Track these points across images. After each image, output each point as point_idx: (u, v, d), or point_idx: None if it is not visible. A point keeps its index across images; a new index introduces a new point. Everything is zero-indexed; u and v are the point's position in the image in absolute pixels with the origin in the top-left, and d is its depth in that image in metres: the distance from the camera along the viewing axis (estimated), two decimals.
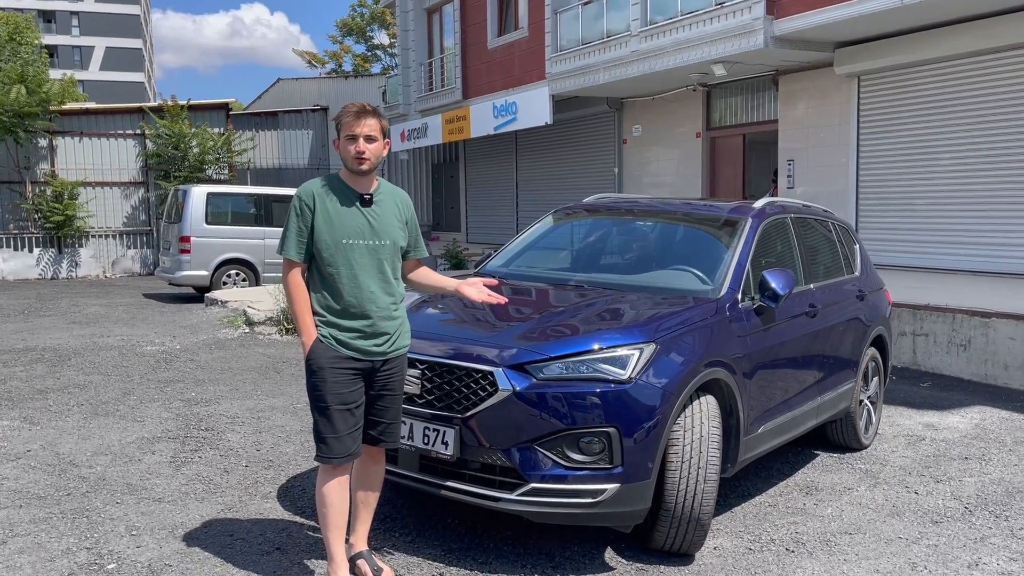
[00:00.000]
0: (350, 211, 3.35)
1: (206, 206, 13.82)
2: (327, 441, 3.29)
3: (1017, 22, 9.75)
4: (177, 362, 8.24)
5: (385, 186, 3.52)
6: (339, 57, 44.81)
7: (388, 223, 3.41)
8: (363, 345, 3.32)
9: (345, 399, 3.29)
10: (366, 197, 3.39)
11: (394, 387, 3.45)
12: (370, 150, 3.32)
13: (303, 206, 3.34)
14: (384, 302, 3.37)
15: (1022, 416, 6.72)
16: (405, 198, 3.58)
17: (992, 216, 10.52)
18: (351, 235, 3.32)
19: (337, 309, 3.32)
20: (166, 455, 5.27)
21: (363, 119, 3.31)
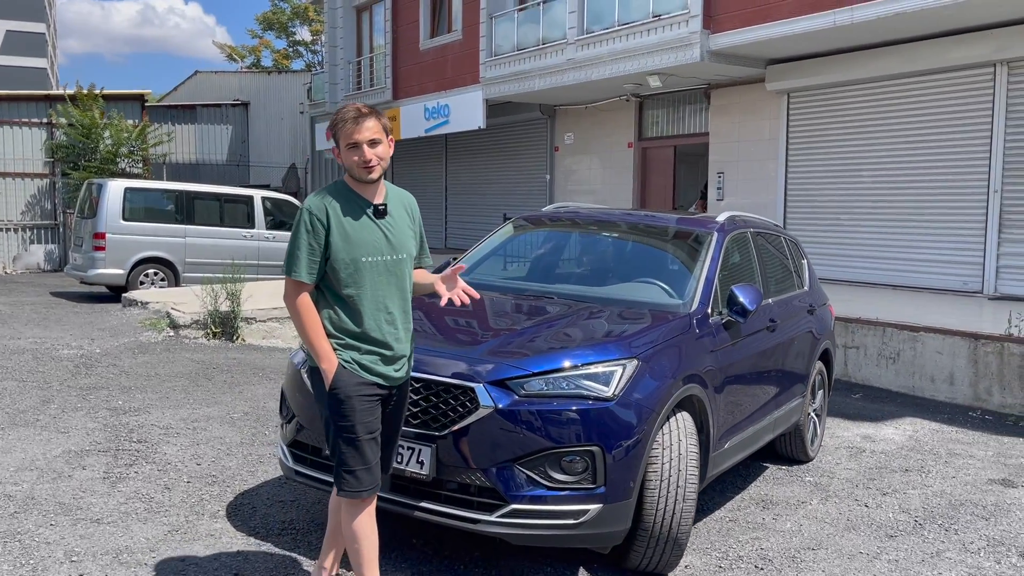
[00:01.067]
0: (365, 224, 3.07)
1: (123, 201, 13.15)
2: (357, 474, 3.02)
3: (937, 47, 10.18)
4: (98, 367, 7.77)
5: (392, 191, 3.22)
6: (258, 52, 43.67)
7: (403, 234, 3.16)
8: (384, 370, 3.09)
9: (371, 427, 3.05)
10: (380, 207, 3.11)
11: (399, 411, 3.25)
12: (377, 155, 3.04)
13: (315, 222, 3.01)
14: (404, 323, 3.15)
15: (951, 428, 6.95)
16: (412, 201, 3.31)
17: (911, 233, 10.95)
18: (370, 252, 3.05)
19: (356, 332, 3.06)
20: (98, 470, 4.92)
21: (363, 123, 3.00)
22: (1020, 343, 7.30)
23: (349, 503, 3.07)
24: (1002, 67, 9.87)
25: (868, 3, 9.41)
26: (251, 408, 6.55)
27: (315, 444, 3.83)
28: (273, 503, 4.51)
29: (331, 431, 3.06)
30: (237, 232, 14.02)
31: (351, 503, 3.07)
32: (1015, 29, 9.46)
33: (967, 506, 5.04)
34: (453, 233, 20.25)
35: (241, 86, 26.56)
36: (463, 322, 4.31)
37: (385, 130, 3.08)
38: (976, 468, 5.83)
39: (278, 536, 4.07)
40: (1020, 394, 7.30)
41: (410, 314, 3.20)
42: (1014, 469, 5.83)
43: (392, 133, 3.15)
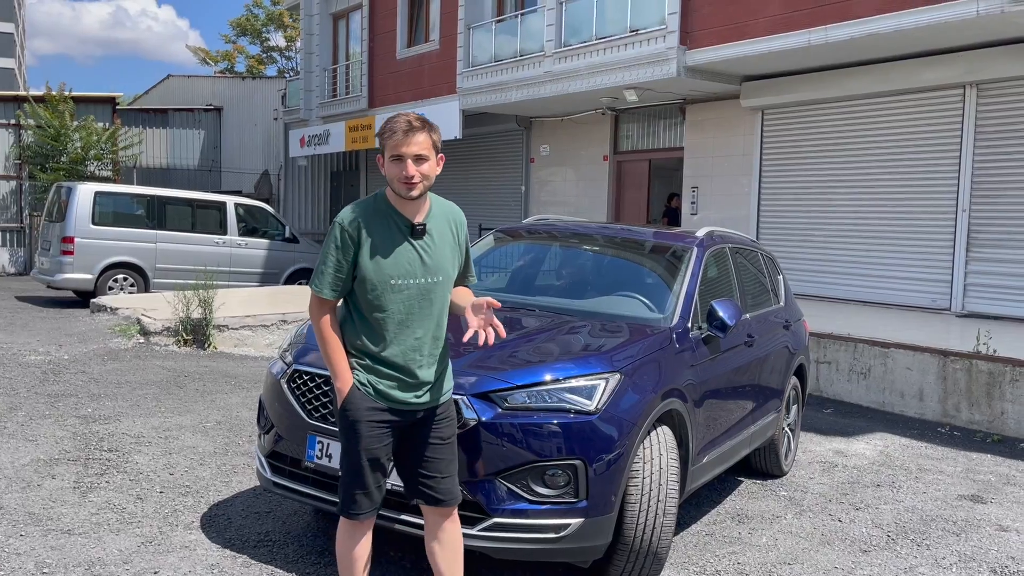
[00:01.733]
0: (399, 244, 2.90)
1: (93, 205, 12.95)
2: (355, 496, 2.97)
3: (908, 68, 10.37)
4: (67, 374, 7.63)
5: (437, 207, 3.04)
6: (232, 57, 43.35)
7: (441, 255, 2.98)
8: (402, 396, 2.96)
9: (375, 455, 2.96)
10: (418, 227, 2.93)
11: (443, 435, 3.07)
12: (421, 172, 2.86)
13: (345, 237, 2.88)
14: (431, 349, 2.99)
15: (921, 443, 7.05)
16: (460, 218, 3.11)
17: (882, 250, 11.12)
18: (401, 274, 2.89)
19: (377, 355, 2.93)
20: (68, 479, 4.83)
21: (412, 136, 2.83)
22: (988, 360, 7.43)
23: (345, 522, 3.04)
24: (971, 89, 10.08)
25: (842, 23, 9.57)
26: (224, 417, 6.47)
27: (293, 455, 3.79)
28: (248, 514, 4.45)
29: (341, 451, 3.02)
30: (209, 238, 13.87)
31: (347, 522, 3.04)
32: (984, 52, 9.67)
33: (938, 521, 5.10)
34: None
35: (214, 91, 26.33)
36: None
37: (435, 147, 2.91)
38: (946, 484, 5.92)
39: (254, 548, 4.02)
40: (988, 411, 7.43)
41: (442, 339, 3.05)
42: (983, 485, 5.93)
43: (441, 151, 2.98)
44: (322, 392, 3.71)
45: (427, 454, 3.04)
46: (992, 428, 7.38)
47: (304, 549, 4.05)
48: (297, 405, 3.77)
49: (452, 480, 3.08)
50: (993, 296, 10.02)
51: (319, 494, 3.66)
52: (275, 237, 14.70)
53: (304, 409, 3.75)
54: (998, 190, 9.98)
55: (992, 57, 9.64)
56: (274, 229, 14.80)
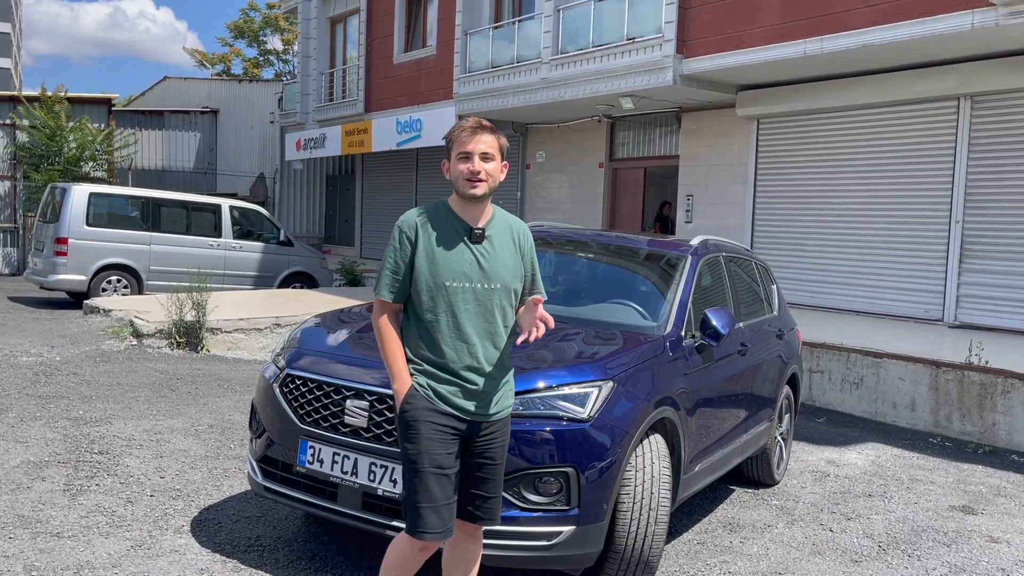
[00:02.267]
0: (456, 247, 2.87)
1: (88, 206, 12.92)
2: (422, 512, 2.78)
3: (903, 79, 10.42)
4: (58, 375, 7.60)
5: (500, 216, 3.01)
6: (228, 60, 43.34)
7: (501, 262, 2.92)
8: (463, 403, 2.87)
9: (439, 461, 2.81)
10: (476, 231, 2.90)
11: (495, 455, 2.96)
12: (487, 171, 2.85)
13: (403, 239, 2.88)
14: (489, 357, 2.90)
15: (913, 454, 7.06)
16: (524, 230, 3.05)
17: (875, 260, 11.16)
18: (456, 277, 2.85)
19: (433, 360, 2.87)
20: (58, 482, 4.81)
21: (479, 135, 2.85)
22: (980, 371, 7.45)
23: (407, 541, 2.86)
24: (965, 101, 10.13)
25: (837, 34, 9.62)
26: (216, 421, 6.45)
27: (285, 460, 3.78)
28: (239, 519, 4.44)
29: (402, 461, 2.91)
30: (204, 241, 13.84)
31: (409, 542, 2.85)
32: (978, 64, 9.73)
33: (929, 532, 5.11)
34: None
35: (210, 93, 26.32)
36: None
37: (501, 151, 2.92)
38: (937, 494, 5.93)
39: (244, 552, 4.00)
40: (980, 422, 7.45)
41: (502, 351, 2.94)
42: (974, 496, 5.94)
43: (506, 157, 2.98)
44: (314, 397, 3.71)
45: (478, 472, 2.94)
46: (984, 439, 7.39)
47: (294, 554, 4.03)
48: (289, 410, 3.77)
49: (497, 500, 3.00)
50: (986, 307, 10.06)
51: (310, 499, 3.66)
52: (270, 240, 14.68)
53: (296, 414, 3.74)
54: (991, 202, 10.03)
55: (986, 69, 9.69)
56: (269, 232, 14.78)
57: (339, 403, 3.62)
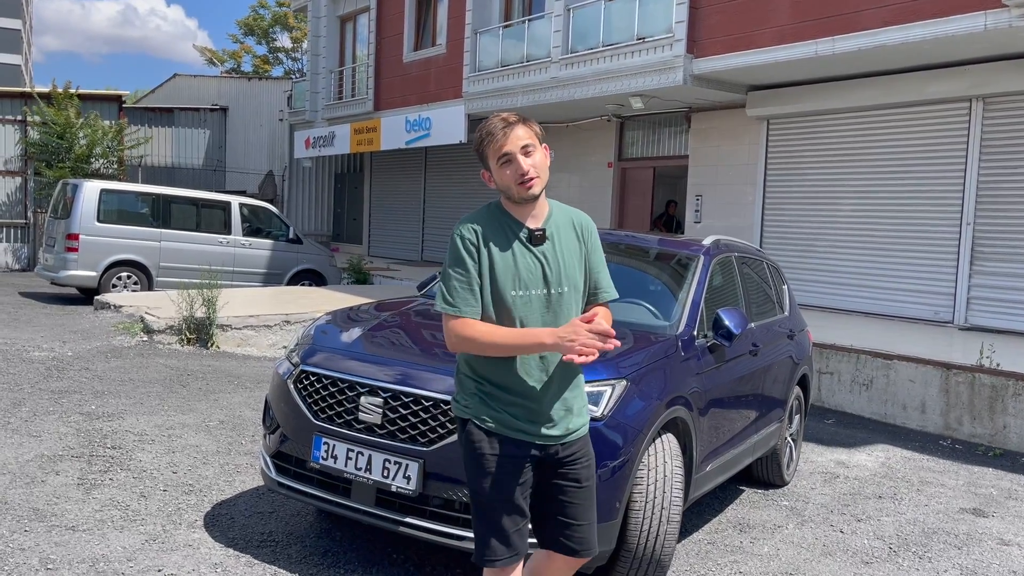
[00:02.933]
0: (517, 252, 2.59)
1: (98, 203, 12.97)
2: (487, 540, 2.60)
3: (915, 81, 10.40)
4: (70, 371, 7.64)
5: (559, 212, 2.71)
6: (238, 56, 43.46)
7: (566, 263, 2.62)
8: (529, 427, 2.59)
9: (506, 494, 2.58)
10: (536, 233, 2.61)
11: (579, 476, 2.66)
12: (535, 165, 2.57)
13: (469, 245, 2.58)
14: (560, 373, 2.61)
15: (923, 456, 7.05)
16: (587, 222, 2.75)
17: (885, 262, 11.13)
18: (521, 286, 2.57)
19: (498, 379, 2.59)
20: (72, 476, 4.84)
21: (512, 131, 2.56)
22: (991, 374, 7.43)
23: (486, 570, 2.68)
24: (977, 102, 10.10)
25: (849, 35, 9.60)
26: (227, 417, 6.48)
27: (299, 456, 3.80)
28: (252, 514, 4.46)
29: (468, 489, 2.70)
30: (213, 238, 13.89)
31: (486, 570, 2.67)
32: (990, 66, 9.69)
33: (940, 534, 5.10)
34: (429, 246, 20.24)
35: (220, 91, 26.40)
36: None
37: (538, 137, 2.63)
38: (948, 497, 5.92)
39: (257, 548, 4.02)
40: (990, 424, 7.43)
41: (575, 365, 2.57)
42: (985, 499, 5.93)
43: (545, 141, 2.69)
44: (328, 393, 3.73)
45: (562, 498, 2.66)
46: (994, 442, 7.38)
47: (307, 550, 4.05)
48: (304, 406, 3.78)
49: (590, 528, 2.70)
50: (996, 310, 10.02)
51: (324, 495, 3.68)
52: (279, 238, 14.72)
53: (310, 410, 3.76)
54: (1003, 204, 10.00)
55: (999, 71, 9.66)
56: (278, 230, 14.82)
57: (353, 400, 3.63)
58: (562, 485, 2.65)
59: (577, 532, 2.67)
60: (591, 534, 2.70)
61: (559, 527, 2.67)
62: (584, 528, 2.68)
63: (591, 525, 2.70)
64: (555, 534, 2.68)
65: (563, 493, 2.66)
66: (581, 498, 2.67)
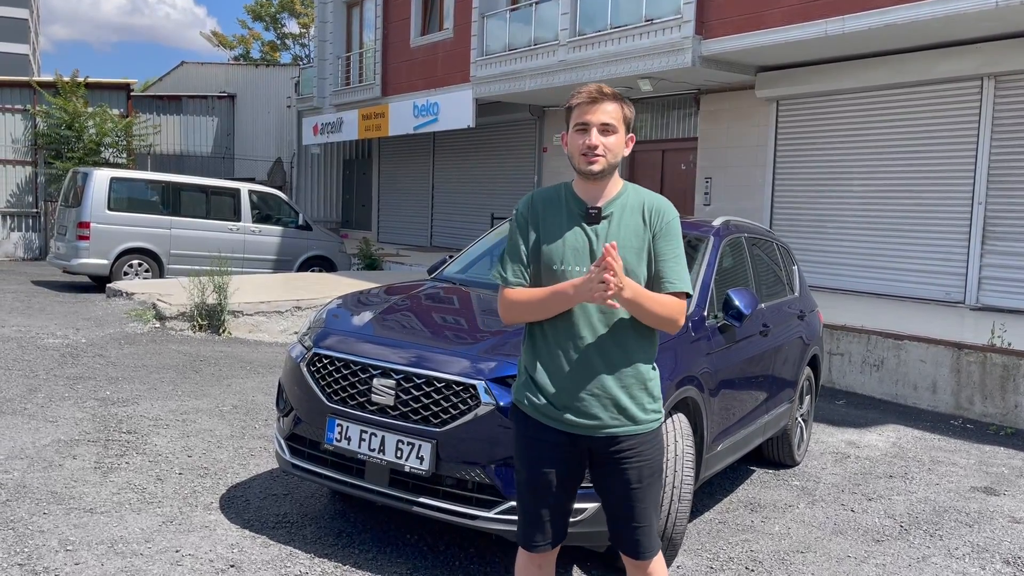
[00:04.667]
0: (569, 228, 2.55)
1: (108, 191, 13.04)
2: (522, 522, 2.68)
3: (925, 60, 10.32)
4: (84, 357, 7.71)
5: (631, 194, 2.61)
6: (247, 43, 43.41)
7: (620, 246, 2.48)
8: (555, 414, 2.55)
9: (540, 479, 2.59)
10: (591, 211, 2.55)
11: (631, 476, 2.57)
12: (605, 144, 2.49)
13: (519, 217, 2.63)
14: (603, 359, 2.52)
15: (934, 435, 7.05)
16: (660, 208, 2.60)
17: (896, 242, 11.09)
18: (566, 261, 2.51)
19: (541, 361, 2.57)
20: (89, 460, 4.90)
21: (600, 104, 2.49)
22: (1002, 353, 7.41)
23: (520, 550, 2.74)
24: (989, 81, 10.02)
25: (859, 14, 9.52)
26: (240, 401, 6.53)
27: (312, 438, 3.84)
28: (266, 496, 4.51)
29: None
30: (223, 225, 13.94)
31: (521, 551, 2.73)
32: (1002, 43, 9.61)
33: (951, 513, 5.11)
34: (439, 231, 20.26)
35: (228, 78, 26.40)
36: (463, 319, 4.33)
37: (626, 123, 2.55)
38: (959, 476, 5.92)
39: (273, 529, 4.07)
40: (1001, 404, 7.42)
41: (626, 351, 2.54)
42: (996, 477, 5.93)
43: (633, 129, 2.62)
44: (341, 376, 3.76)
45: (616, 495, 2.61)
46: (1006, 421, 7.37)
47: (322, 531, 4.10)
48: (317, 388, 3.82)
49: (646, 531, 2.62)
50: (1008, 289, 9.98)
51: (338, 476, 3.71)
52: (288, 224, 14.77)
53: (324, 392, 3.79)
54: (1015, 183, 9.93)
55: (1010, 49, 9.58)
56: (287, 216, 14.87)
57: (366, 382, 3.66)
58: (610, 482, 2.61)
59: (632, 533, 2.63)
60: (647, 536, 2.63)
61: (611, 522, 2.67)
62: (641, 530, 2.62)
63: (645, 528, 2.62)
64: (614, 531, 2.67)
65: (612, 491, 2.62)
66: (636, 498, 2.59)
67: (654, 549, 2.66)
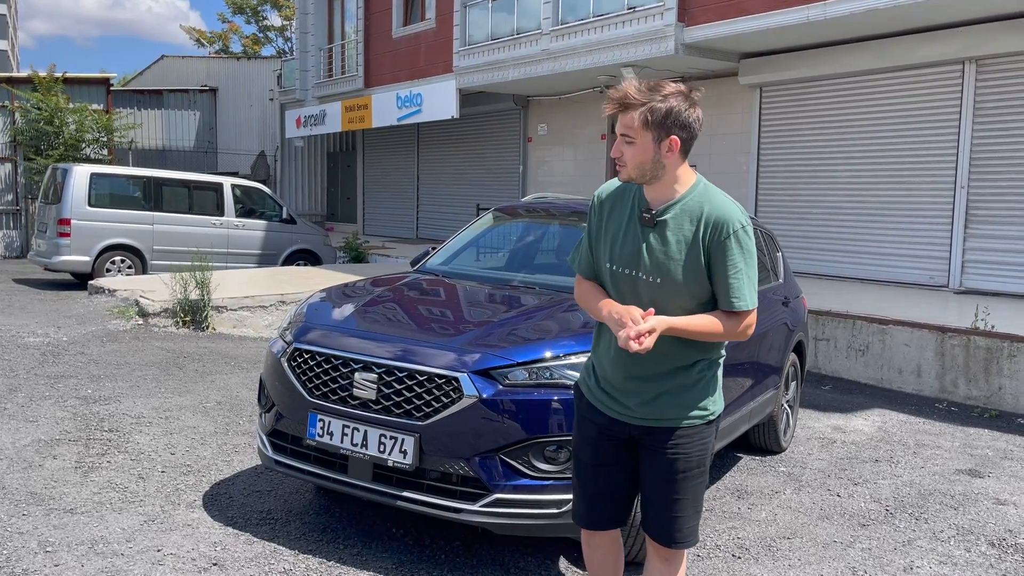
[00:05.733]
0: (627, 228, 2.54)
1: (89, 187, 12.90)
2: (576, 500, 2.82)
3: (907, 44, 10.33)
4: (66, 355, 7.63)
5: (694, 200, 2.50)
6: (226, 38, 43.04)
7: (667, 254, 2.46)
8: (604, 400, 2.66)
9: (586, 455, 2.72)
10: (646, 214, 2.50)
11: (661, 467, 2.59)
12: (626, 156, 2.47)
13: (593, 207, 2.67)
14: (649, 357, 2.48)
15: (919, 419, 7.08)
16: (721, 219, 2.45)
17: (880, 227, 11.12)
18: (616, 261, 2.54)
19: (599, 344, 2.70)
20: (70, 460, 4.84)
21: (623, 115, 2.47)
22: (986, 336, 7.45)
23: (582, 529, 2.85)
24: (970, 64, 10.04)
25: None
26: (224, 398, 6.48)
27: (295, 433, 3.80)
28: (250, 493, 4.47)
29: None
30: (206, 220, 13.83)
31: (582, 529, 2.85)
32: (984, 27, 9.63)
33: (936, 496, 5.13)
34: (424, 223, 20.19)
35: (209, 71, 26.17)
36: (445, 311, 4.30)
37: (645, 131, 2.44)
38: (944, 459, 5.95)
39: (256, 526, 4.03)
40: (985, 386, 7.46)
41: (673, 353, 2.52)
42: (980, 460, 5.96)
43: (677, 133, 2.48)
44: (322, 370, 3.72)
45: (649, 482, 2.65)
46: (990, 403, 7.41)
47: (307, 527, 4.07)
48: (298, 383, 3.78)
49: (676, 522, 2.62)
50: (991, 272, 10.03)
51: (321, 471, 3.68)
52: (272, 218, 14.67)
53: (305, 387, 3.76)
54: (997, 166, 9.97)
55: (991, 32, 9.59)
56: (271, 210, 14.77)
57: (347, 376, 3.63)
58: (646, 469, 2.65)
59: (654, 517, 2.65)
60: (676, 529, 2.63)
61: (642, 506, 2.71)
62: (671, 521, 2.62)
63: (676, 519, 2.62)
64: (644, 517, 2.71)
65: (649, 479, 2.64)
66: (667, 490, 2.60)
67: (682, 541, 2.66)
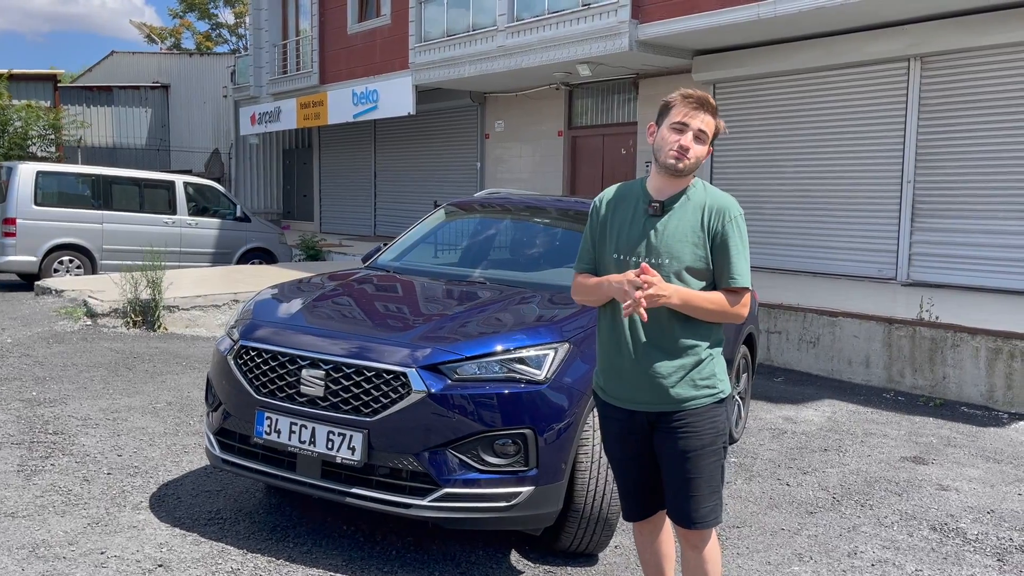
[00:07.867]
0: (632, 218, 2.74)
1: (35, 186, 12.60)
2: (621, 497, 2.98)
3: (855, 41, 10.53)
4: (10, 358, 7.45)
5: (697, 192, 2.76)
6: (178, 33, 42.33)
7: (675, 237, 2.68)
8: (618, 390, 2.78)
9: (613, 454, 2.90)
10: (653, 204, 2.71)
11: (677, 447, 2.70)
12: (695, 151, 2.68)
13: (592, 211, 2.86)
14: (654, 340, 2.68)
15: (867, 409, 7.23)
16: (722, 208, 2.73)
17: (830, 222, 11.32)
18: (623, 249, 2.72)
19: (601, 351, 2.85)
20: (12, 463, 4.73)
21: (702, 113, 2.68)
22: (931, 327, 7.62)
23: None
24: (915, 62, 10.26)
25: None
26: (175, 398, 6.38)
27: (242, 432, 3.76)
28: (199, 493, 4.41)
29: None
30: (158, 218, 13.60)
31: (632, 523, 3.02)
32: (928, 25, 9.84)
33: (881, 483, 5.24)
34: (382, 220, 20.07)
35: (161, 68, 25.72)
36: (394, 307, 4.28)
37: (713, 135, 2.75)
38: (890, 447, 6.08)
39: (204, 526, 3.98)
40: (930, 376, 7.63)
41: (676, 335, 2.68)
42: (925, 447, 6.10)
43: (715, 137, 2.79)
44: (269, 368, 3.69)
45: (666, 466, 2.77)
46: (935, 392, 7.58)
47: (256, 526, 4.02)
48: (245, 381, 3.74)
49: (692, 501, 2.72)
50: (937, 265, 10.27)
51: (269, 470, 3.64)
52: (226, 216, 14.47)
53: (252, 385, 3.71)
54: (941, 161, 10.20)
55: (936, 30, 9.81)
56: (225, 208, 14.56)
57: (295, 373, 3.60)
58: (662, 452, 2.76)
59: (680, 504, 2.75)
60: (694, 509, 2.72)
61: (670, 496, 2.79)
62: (689, 501, 2.72)
63: (693, 498, 2.72)
64: (668, 503, 2.81)
65: (666, 462, 2.76)
66: (683, 469, 2.71)
67: (703, 522, 2.75)
